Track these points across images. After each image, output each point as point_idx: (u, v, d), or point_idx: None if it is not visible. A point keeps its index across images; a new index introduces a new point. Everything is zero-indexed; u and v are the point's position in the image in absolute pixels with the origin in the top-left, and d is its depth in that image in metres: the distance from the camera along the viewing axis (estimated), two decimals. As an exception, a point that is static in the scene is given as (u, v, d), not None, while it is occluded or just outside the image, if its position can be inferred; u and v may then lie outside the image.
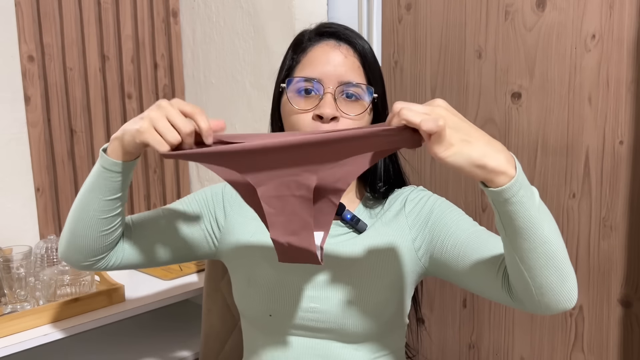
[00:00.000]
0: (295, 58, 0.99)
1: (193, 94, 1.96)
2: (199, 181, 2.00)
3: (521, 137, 1.27)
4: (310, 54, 0.97)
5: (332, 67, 0.94)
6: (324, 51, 0.96)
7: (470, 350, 1.43)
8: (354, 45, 0.97)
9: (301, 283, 0.97)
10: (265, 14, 1.65)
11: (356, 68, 0.96)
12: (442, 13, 1.37)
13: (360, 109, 0.95)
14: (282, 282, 0.98)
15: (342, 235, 1.00)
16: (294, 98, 0.95)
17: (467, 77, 1.34)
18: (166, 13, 1.92)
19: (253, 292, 0.99)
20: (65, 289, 1.43)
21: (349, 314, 0.95)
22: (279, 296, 0.97)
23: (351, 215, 1.00)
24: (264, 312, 0.98)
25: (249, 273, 1.00)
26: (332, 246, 0.99)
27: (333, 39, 0.97)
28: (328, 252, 0.98)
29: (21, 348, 1.29)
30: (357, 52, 0.97)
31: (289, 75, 0.99)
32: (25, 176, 1.65)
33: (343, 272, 0.97)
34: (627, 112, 1.14)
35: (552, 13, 1.20)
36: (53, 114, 1.69)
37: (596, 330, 1.23)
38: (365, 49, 0.98)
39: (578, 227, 1.22)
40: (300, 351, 0.98)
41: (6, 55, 1.59)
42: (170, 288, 1.61)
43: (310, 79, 0.94)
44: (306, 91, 0.95)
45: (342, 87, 0.94)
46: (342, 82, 0.94)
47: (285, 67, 1.00)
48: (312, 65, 0.96)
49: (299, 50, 0.99)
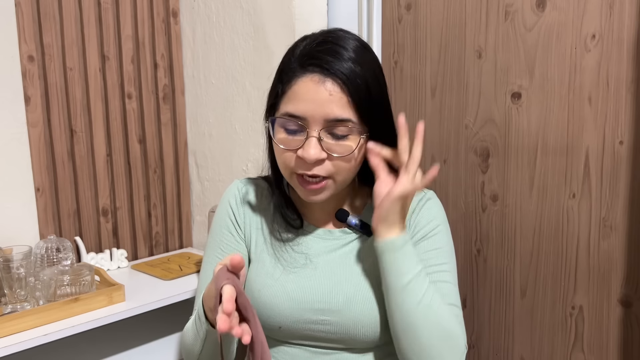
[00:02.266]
0: (281, 88, 0.93)
1: (193, 94, 1.96)
2: (199, 181, 2.00)
3: (521, 137, 1.27)
4: (294, 89, 0.90)
5: (316, 105, 0.88)
6: (308, 88, 0.89)
7: (470, 350, 1.43)
8: (341, 76, 0.88)
9: (311, 296, 0.96)
10: (265, 14, 1.65)
11: (344, 104, 0.89)
12: (442, 13, 1.37)
13: (349, 149, 0.90)
14: (291, 295, 0.97)
15: (350, 243, 1.00)
16: (280, 133, 0.92)
17: (467, 77, 1.34)
18: (166, 13, 1.92)
19: (263, 303, 0.98)
20: (65, 289, 1.42)
21: (359, 324, 0.94)
22: (289, 310, 0.96)
23: (356, 221, 0.99)
24: (273, 325, 0.98)
25: (261, 283, 1.00)
26: (343, 255, 0.99)
27: (317, 72, 0.89)
28: (338, 262, 0.98)
29: (21, 348, 1.29)
30: (345, 85, 0.88)
31: (274, 104, 0.95)
32: (25, 176, 1.65)
33: (353, 283, 0.96)
34: (627, 112, 1.14)
35: (552, 13, 1.20)
36: (53, 114, 1.69)
37: (596, 330, 1.23)
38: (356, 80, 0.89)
39: (578, 227, 1.22)
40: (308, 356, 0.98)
41: (6, 55, 1.59)
42: (170, 288, 1.61)
43: (294, 117, 0.90)
44: (291, 130, 0.91)
45: (329, 126, 0.89)
46: (328, 119, 0.88)
47: (271, 97, 0.96)
48: (296, 101, 0.90)
49: (285, 80, 0.93)
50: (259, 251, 1.03)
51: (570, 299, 1.25)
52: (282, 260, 1.00)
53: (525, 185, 1.28)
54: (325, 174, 0.92)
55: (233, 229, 1.05)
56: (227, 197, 1.08)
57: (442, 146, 1.40)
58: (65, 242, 1.54)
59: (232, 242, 1.05)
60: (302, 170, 0.91)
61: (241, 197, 1.07)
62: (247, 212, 1.05)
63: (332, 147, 0.90)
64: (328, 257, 0.99)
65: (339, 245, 1.00)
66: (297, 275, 0.98)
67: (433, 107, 1.40)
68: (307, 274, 0.98)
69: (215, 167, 1.92)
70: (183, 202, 2.03)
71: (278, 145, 0.93)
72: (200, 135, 1.96)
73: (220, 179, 1.90)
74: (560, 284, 1.26)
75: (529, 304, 1.31)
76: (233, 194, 1.07)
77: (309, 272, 0.98)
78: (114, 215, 1.85)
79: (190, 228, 2.07)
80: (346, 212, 1.01)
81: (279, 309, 0.97)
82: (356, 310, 0.94)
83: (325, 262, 0.99)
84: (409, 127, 0.95)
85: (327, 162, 0.91)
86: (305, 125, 0.89)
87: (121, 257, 1.80)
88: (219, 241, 1.05)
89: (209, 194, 1.97)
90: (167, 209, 2.00)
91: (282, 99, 0.93)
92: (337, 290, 0.96)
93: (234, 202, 1.06)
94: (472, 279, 1.39)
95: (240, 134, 1.80)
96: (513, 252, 1.31)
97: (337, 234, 1.02)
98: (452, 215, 1.39)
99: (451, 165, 1.39)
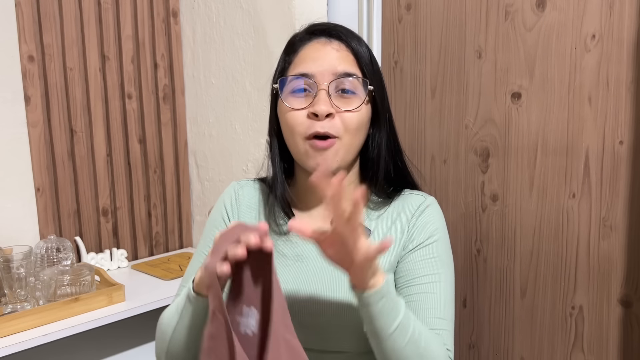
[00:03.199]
0: (288, 59, 0.98)
1: (193, 94, 1.96)
2: (199, 181, 2.00)
3: (521, 137, 1.27)
4: (301, 53, 0.96)
5: (324, 61, 0.93)
6: (315, 48, 0.95)
7: (470, 350, 1.43)
8: (346, 42, 0.95)
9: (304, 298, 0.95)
10: (265, 14, 1.65)
11: (350, 60, 0.95)
12: (442, 13, 1.37)
13: (357, 103, 0.93)
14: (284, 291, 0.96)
15: None
16: (288, 97, 0.94)
17: (467, 77, 1.34)
18: (166, 13, 1.92)
19: None
20: (65, 289, 1.43)
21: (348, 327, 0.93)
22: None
23: None
24: None
25: None
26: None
27: (324, 36, 0.96)
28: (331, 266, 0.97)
29: (21, 348, 1.29)
30: (350, 48, 0.95)
31: (282, 75, 0.97)
32: (25, 176, 1.65)
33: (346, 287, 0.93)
34: (627, 112, 1.14)
35: (552, 13, 1.20)
36: (53, 114, 1.69)
37: (596, 330, 1.23)
38: (358, 46, 0.96)
39: (578, 227, 1.22)
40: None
41: (6, 55, 1.59)
42: (170, 288, 1.61)
43: (303, 75, 0.93)
44: (300, 90, 0.93)
45: (336, 82, 0.92)
46: (336, 74, 0.92)
47: (278, 70, 0.99)
48: (304, 62, 0.94)
49: (291, 51, 0.98)
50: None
51: (570, 299, 1.25)
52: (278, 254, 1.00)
53: (525, 185, 1.28)
54: (335, 133, 0.93)
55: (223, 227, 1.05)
56: (223, 198, 1.08)
57: (442, 146, 1.40)
58: (66, 242, 1.54)
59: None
60: (313, 129, 0.92)
61: (237, 198, 1.07)
62: (242, 213, 1.05)
63: (340, 103, 0.93)
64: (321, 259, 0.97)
65: None
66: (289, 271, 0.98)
67: (433, 107, 1.40)
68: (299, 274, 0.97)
69: (215, 167, 1.92)
70: (183, 202, 2.03)
71: (287, 107, 0.94)
72: (200, 135, 1.96)
73: (220, 179, 1.90)
74: (560, 284, 1.26)
75: (529, 304, 1.31)
76: (229, 194, 1.08)
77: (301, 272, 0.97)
78: (114, 215, 1.85)
79: (190, 228, 2.07)
80: None
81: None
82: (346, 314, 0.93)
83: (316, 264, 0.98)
84: (409, 126, 0.96)
85: (336, 119, 0.93)
86: (314, 82, 0.92)
87: (121, 257, 1.80)
88: (209, 240, 1.06)
89: (209, 194, 1.97)
90: (167, 209, 2.00)
91: (289, 66, 0.97)
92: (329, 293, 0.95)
93: (229, 202, 1.07)
94: (472, 279, 1.39)
95: (240, 134, 1.80)
96: (513, 252, 1.31)
97: None
98: (452, 215, 1.39)
99: (451, 165, 1.39)
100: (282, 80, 0.95)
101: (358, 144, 0.97)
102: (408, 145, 1.45)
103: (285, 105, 0.94)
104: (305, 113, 0.93)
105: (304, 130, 0.93)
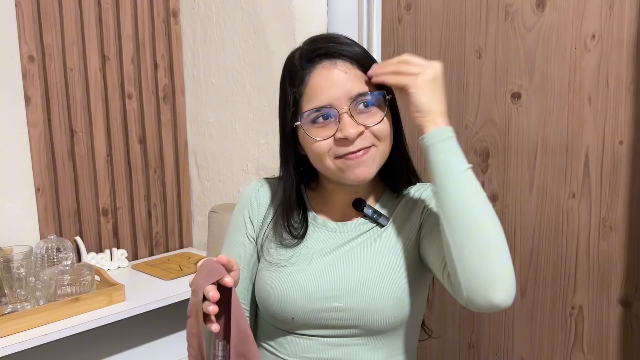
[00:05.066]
0: (297, 91, 0.97)
1: (193, 94, 1.96)
2: (199, 181, 2.00)
3: (521, 137, 1.27)
4: (311, 84, 0.95)
5: (337, 87, 0.93)
6: (323, 76, 0.94)
7: (470, 350, 1.43)
8: (348, 57, 0.95)
9: (325, 285, 0.97)
10: (265, 14, 1.65)
11: (359, 78, 0.94)
12: (442, 13, 1.37)
13: (380, 114, 0.94)
14: (305, 287, 0.98)
15: (365, 232, 1.01)
16: (312, 129, 0.94)
17: (467, 77, 1.34)
18: (166, 13, 1.93)
19: (275, 297, 0.99)
20: (65, 289, 1.43)
21: (373, 308, 0.95)
22: (302, 301, 0.97)
23: (372, 210, 1.01)
24: (286, 316, 0.99)
25: (273, 279, 1.00)
26: (357, 245, 1.00)
27: (325, 59, 0.95)
28: (353, 251, 0.99)
29: (21, 348, 1.29)
30: (354, 62, 0.95)
31: (297, 110, 0.97)
32: (25, 176, 1.65)
33: (367, 269, 0.97)
34: (627, 112, 1.14)
35: (552, 13, 1.20)
36: (53, 114, 1.69)
37: (596, 330, 1.23)
38: (359, 54, 0.96)
39: (578, 227, 1.22)
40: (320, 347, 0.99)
41: (6, 55, 1.59)
42: (170, 288, 1.61)
43: (322, 108, 0.93)
44: (323, 118, 0.94)
45: (355, 103, 0.93)
46: (352, 97, 0.93)
47: (290, 103, 0.98)
48: (317, 94, 0.94)
49: (297, 83, 0.96)
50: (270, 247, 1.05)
51: (570, 298, 1.25)
52: (293, 256, 1.02)
53: (525, 185, 1.28)
54: (369, 144, 0.95)
55: (244, 228, 1.08)
56: (245, 196, 1.11)
57: (442, 146, 1.40)
58: (66, 242, 1.54)
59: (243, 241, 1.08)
60: (346, 150, 0.94)
61: (257, 196, 1.09)
62: (262, 210, 1.08)
63: (364, 119, 0.94)
64: (342, 249, 1.01)
65: (353, 237, 1.01)
66: (310, 266, 1.00)
67: (433, 107, 1.40)
68: (320, 265, 1.00)
69: (215, 167, 1.92)
70: (183, 202, 2.03)
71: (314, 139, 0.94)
72: (200, 135, 1.96)
73: (220, 179, 1.90)
74: (560, 284, 1.26)
75: (529, 304, 1.31)
76: (251, 192, 1.10)
77: (322, 264, 1.00)
78: (114, 215, 1.85)
79: (191, 228, 2.07)
80: (363, 202, 1.02)
81: (291, 300, 0.98)
82: (369, 293, 0.95)
83: (338, 253, 1.01)
84: (409, 126, 0.98)
85: (366, 133, 0.94)
86: (334, 109, 0.93)
87: (121, 257, 1.80)
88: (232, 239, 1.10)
89: (209, 194, 1.97)
90: (167, 209, 2.00)
91: (301, 100, 0.96)
92: (349, 277, 0.97)
93: (249, 202, 1.09)
94: (472, 279, 1.39)
95: (240, 134, 1.80)
96: (513, 252, 1.31)
97: (351, 225, 1.03)
98: (452, 215, 1.39)
99: (451, 165, 1.39)
100: (301, 116, 0.96)
101: (390, 147, 0.99)
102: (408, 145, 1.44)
103: (312, 138, 0.95)
104: (332, 139, 0.93)
105: (334, 153, 0.94)
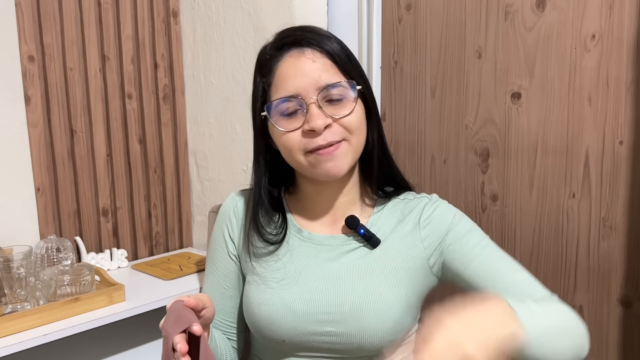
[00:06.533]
0: (266, 81, 0.95)
1: (193, 94, 1.96)
2: (199, 181, 2.00)
3: (521, 137, 1.27)
4: (278, 72, 0.92)
5: (304, 76, 0.90)
6: (290, 64, 0.92)
7: (470, 350, 1.43)
8: (318, 46, 0.92)
9: (316, 308, 0.94)
10: (265, 14, 1.65)
11: (328, 67, 0.91)
12: (442, 13, 1.37)
13: (349, 106, 0.91)
14: (294, 309, 0.94)
15: (355, 250, 0.97)
16: (279, 121, 0.92)
17: (467, 77, 1.34)
18: (166, 13, 1.93)
19: (263, 318, 0.95)
20: (65, 289, 1.43)
21: (367, 334, 0.92)
22: (292, 324, 0.93)
23: (364, 230, 0.97)
24: (276, 339, 0.95)
25: (258, 297, 0.97)
26: (347, 263, 0.96)
27: (294, 47, 0.92)
28: (343, 269, 0.96)
29: (21, 348, 1.29)
30: (324, 51, 0.92)
31: (265, 100, 0.95)
32: (25, 176, 1.65)
33: (360, 290, 0.93)
34: (627, 112, 1.14)
35: (552, 13, 1.20)
36: (53, 114, 1.69)
37: (596, 330, 1.23)
38: (331, 45, 0.93)
39: (578, 227, 1.22)
40: None
41: (6, 55, 1.59)
42: (171, 288, 1.61)
43: (289, 98, 0.90)
44: (290, 112, 0.91)
45: (323, 93, 0.90)
46: (320, 87, 0.90)
47: (258, 94, 0.96)
48: (284, 83, 0.91)
49: (266, 72, 0.95)
50: (254, 265, 1.00)
51: (570, 298, 1.25)
52: (279, 271, 0.97)
53: (525, 185, 1.28)
54: (339, 138, 0.91)
55: (224, 246, 1.05)
56: (222, 212, 1.07)
57: (442, 146, 1.40)
58: (66, 242, 1.54)
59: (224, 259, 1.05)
60: (314, 144, 0.90)
61: (235, 211, 1.05)
62: (241, 225, 1.04)
63: (333, 111, 0.91)
64: (331, 266, 0.97)
65: (343, 252, 0.97)
66: (298, 285, 0.95)
67: (433, 107, 1.41)
68: (309, 284, 0.95)
69: (215, 167, 1.92)
70: (183, 202, 2.03)
71: (281, 131, 0.92)
72: (200, 135, 1.96)
73: (220, 179, 1.90)
74: (560, 284, 1.26)
75: (528, 304, 1.31)
76: (229, 207, 1.07)
77: (311, 282, 0.95)
78: (114, 215, 1.85)
79: (191, 228, 2.07)
80: (356, 219, 0.98)
81: (280, 322, 0.94)
82: (364, 318, 0.91)
83: (328, 270, 0.96)
84: (409, 126, 0.96)
85: (335, 126, 0.91)
86: (302, 99, 0.90)
87: (121, 257, 1.80)
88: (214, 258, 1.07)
89: (209, 194, 1.97)
90: (167, 209, 2.00)
91: (270, 91, 0.94)
92: (342, 300, 0.93)
93: (227, 217, 1.06)
94: (472, 279, 1.39)
95: (240, 134, 1.80)
96: (513, 252, 1.31)
97: (339, 240, 0.99)
98: (452, 215, 1.39)
99: (451, 165, 1.39)
100: (268, 107, 0.93)
101: (363, 141, 0.96)
102: (408, 145, 1.45)
103: (279, 130, 0.92)
104: (300, 131, 0.91)
105: (304, 147, 0.92)
